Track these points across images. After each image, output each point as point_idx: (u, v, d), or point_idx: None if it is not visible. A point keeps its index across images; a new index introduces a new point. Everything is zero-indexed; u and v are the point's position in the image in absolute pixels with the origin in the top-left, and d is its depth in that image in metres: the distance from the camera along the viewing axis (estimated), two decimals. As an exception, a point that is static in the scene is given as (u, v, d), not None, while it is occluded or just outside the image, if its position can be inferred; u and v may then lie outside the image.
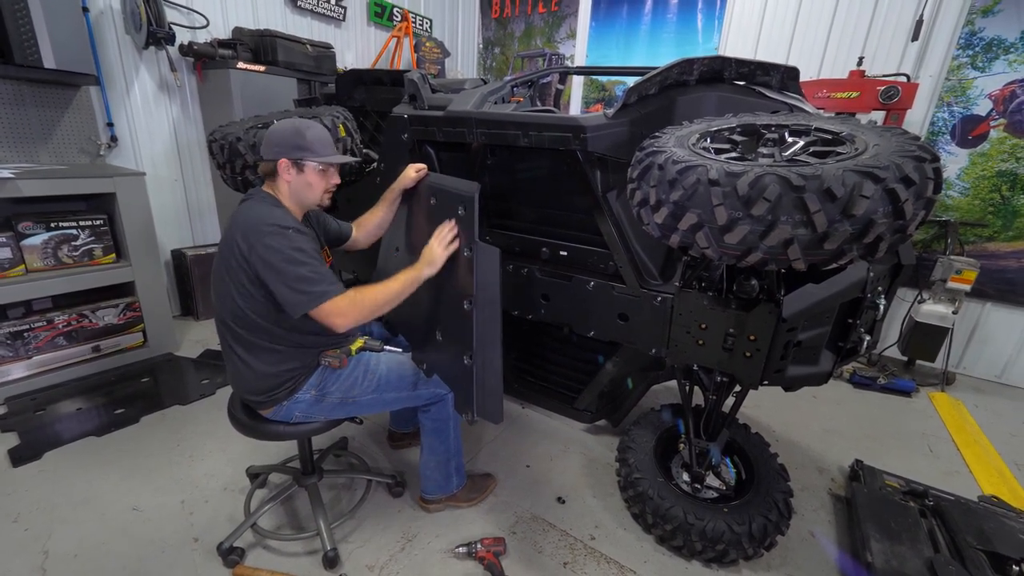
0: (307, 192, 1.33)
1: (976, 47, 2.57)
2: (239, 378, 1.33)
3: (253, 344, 1.28)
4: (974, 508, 1.67)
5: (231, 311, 1.26)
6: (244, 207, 1.29)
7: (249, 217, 1.23)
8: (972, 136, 2.66)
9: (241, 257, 1.20)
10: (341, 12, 3.64)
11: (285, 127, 1.30)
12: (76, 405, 2.14)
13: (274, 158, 1.28)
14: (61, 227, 2.23)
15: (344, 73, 2.29)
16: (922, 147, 0.90)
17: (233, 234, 1.22)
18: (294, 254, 1.18)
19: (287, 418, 1.36)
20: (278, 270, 1.17)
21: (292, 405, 1.34)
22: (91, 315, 2.36)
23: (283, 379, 1.32)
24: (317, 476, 1.59)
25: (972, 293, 2.65)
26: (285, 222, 1.22)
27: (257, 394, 1.32)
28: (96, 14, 2.51)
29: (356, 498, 1.70)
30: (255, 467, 1.75)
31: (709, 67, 1.47)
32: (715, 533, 1.46)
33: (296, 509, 1.65)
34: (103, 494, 1.66)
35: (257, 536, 1.52)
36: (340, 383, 1.38)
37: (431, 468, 1.61)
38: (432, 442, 1.57)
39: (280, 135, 1.28)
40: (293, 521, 1.61)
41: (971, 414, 2.54)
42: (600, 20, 3.78)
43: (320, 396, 1.36)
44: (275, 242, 1.18)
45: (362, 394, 1.40)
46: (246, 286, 1.22)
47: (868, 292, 1.32)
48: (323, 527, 1.44)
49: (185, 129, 2.99)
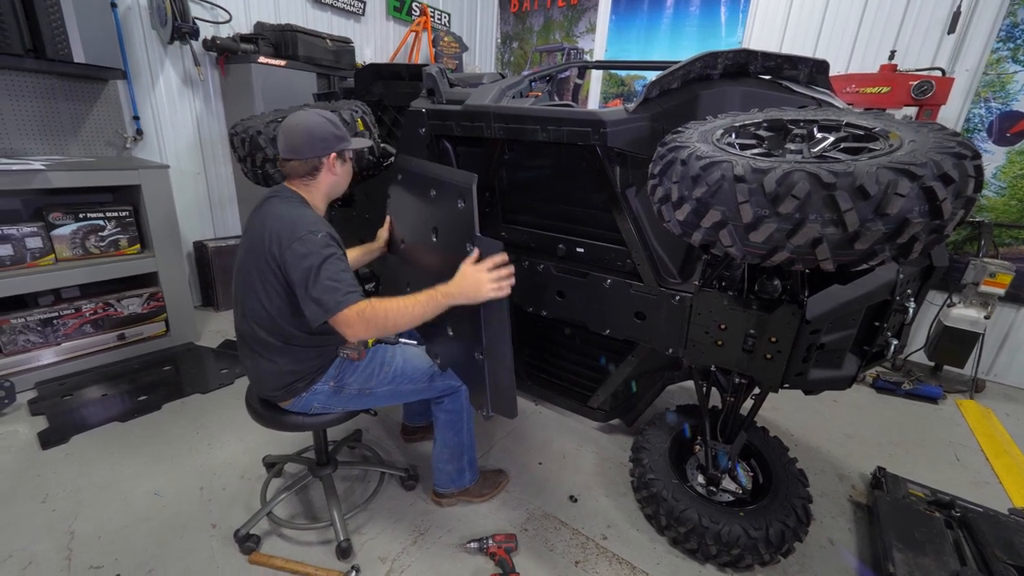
0: (344, 182, 1.35)
1: (1018, 39, 2.45)
2: (259, 374, 1.34)
3: (274, 343, 1.29)
4: (1004, 521, 1.61)
5: (255, 309, 1.26)
6: (273, 207, 1.26)
7: (283, 220, 1.20)
8: (1011, 133, 2.54)
9: (272, 260, 1.19)
10: (361, 7, 3.65)
11: (318, 121, 1.25)
12: (101, 391, 2.21)
13: (322, 154, 1.26)
14: (89, 218, 2.29)
15: (363, 67, 2.29)
16: (962, 143, 0.86)
17: (264, 235, 1.20)
18: (317, 260, 1.15)
19: (305, 409, 1.38)
20: (305, 278, 1.15)
21: (311, 396, 1.36)
22: (116, 304, 2.43)
23: (303, 373, 1.33)
24: (332, 467, 1.61)
25: (1006, 297, 2.54)
26: (317, 227, 1.19)
27: (276, 388, 1.34)
28: (124, 10, 2.57)
29: (369, 490, 1.72)
30: (271, 456, 1.78)
31: (734, 61, 1.43)
32: (730, 537, 1.43)
33: (311, 499, 1.67)
34: (126, 478, 1.72)
35: (272, 524, 1.55)
36: (358, 375, 1.39)
37: (444, 461, 1.61)
38: (446, 435, 1.57)
39: (322, 130, 1.25)
40: (307, 511, 1.63)
41: (1002, 423, 2.44)
42: (620, 14, 3.72)
43: (338, 387, 1.37)
44: (303, 247, 1.16)
45: (379, 385, 1.41)
46: (275, 287, 1.22)
47: (897, 295, 1.28)
48: (337, 518, 1.46)
49: (208, 123, 3.04)
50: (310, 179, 1.29)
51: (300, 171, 1.28)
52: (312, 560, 1.43)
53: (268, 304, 1.24)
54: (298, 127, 1.25)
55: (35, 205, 2.29)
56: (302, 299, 1.17)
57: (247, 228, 1.32)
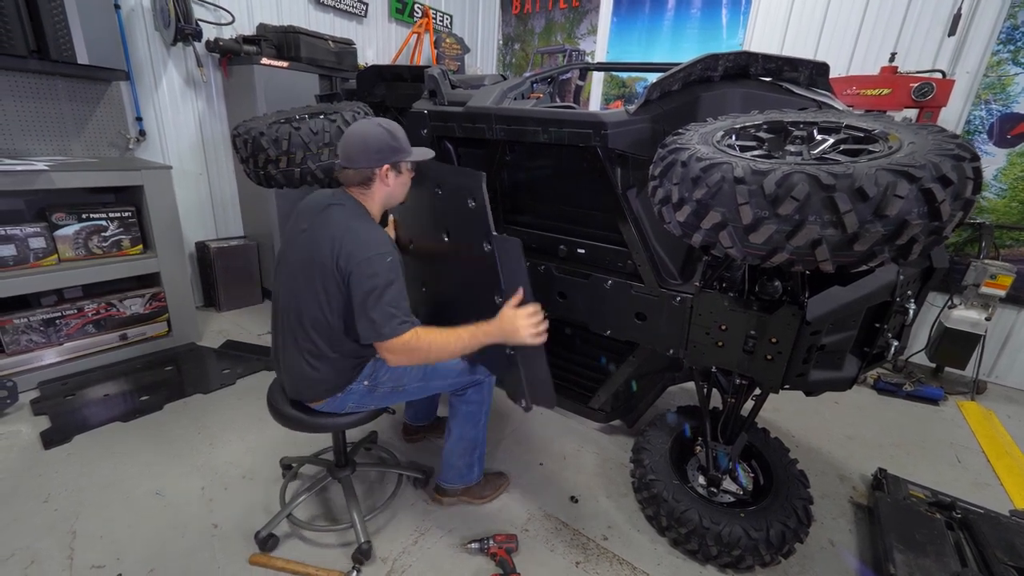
0: (400, 192, 1.35)
1: (1018, 41, 2.45)
2: (299, 377, 1.32)
3: (326, 352, 1.29)
4: (1005, 522, 1.61)
5: (311, 316, 1.26)
6: (339, 217, 1.25)
7: (353, 235, 1.21)
8: (1011, 135, 2.54)
9: (339, 272, 1.20)
10: (363, 8, 3.67)
11: (375, 131, 1.26)
12: (104, 391, 2.22)
13: (375, 165, 1.26)
14: (92, 218, 2.30)
15: (365, 69, 2.31)
16: (961, 145, 0.86)
17: (330, 245, 1.20)
18: (380, 282, 1.18)
19: (339, 408, 1.38)
20: (366, 297, 1.18)
21: (345, 396, 1.36)
22: (119, 304, 2.43)
23: (343, 377, 1.34)
24: (350, 469, 1.60)
25: (1007, 299, 2.54)
26: (381, 248, 1.21)
27: (313, 390, 1.34)
28: (127, 11, 2.58)
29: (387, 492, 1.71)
30: (288, 458, 1.77)
31: (735, 63, 1.43)
32: (731, 538, 1.43)
33: (329, 501, 1.66)
34: (128, 478, 1.72)
35: (292, 526, 1.54)
36: (391, 373, 1.40)
37: (456, 455, 1.60)
38: (463, 427, 1.57)
39: (376, 141, 1.25)
40: (327, 512, 1.62)
41: (1003, 425, 2.44)
42: (622, 16, 3.73)
43: (372, 386, 1.38)
44: (369, 269, 1.18)
45: (410, 382, 1.43)
46: (336, 298, 1.23)
47: (897, 296, 1.28)
48: (357, 520, 1.46)
49: (210, 124, 3.06)
50: (364, 188, 1.30)
51: (354, 180, 1.29)
52: (331, 562, 1.42)
53: (329, 314, 1.24)
54: (356, 137, 1.26)
55: (38, 205, 2.30)
56: (359, 315, 1.20)
57: (302, 230, 1.30)
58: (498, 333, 1.27)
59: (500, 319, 1.28)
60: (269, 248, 3.17)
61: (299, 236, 1.30)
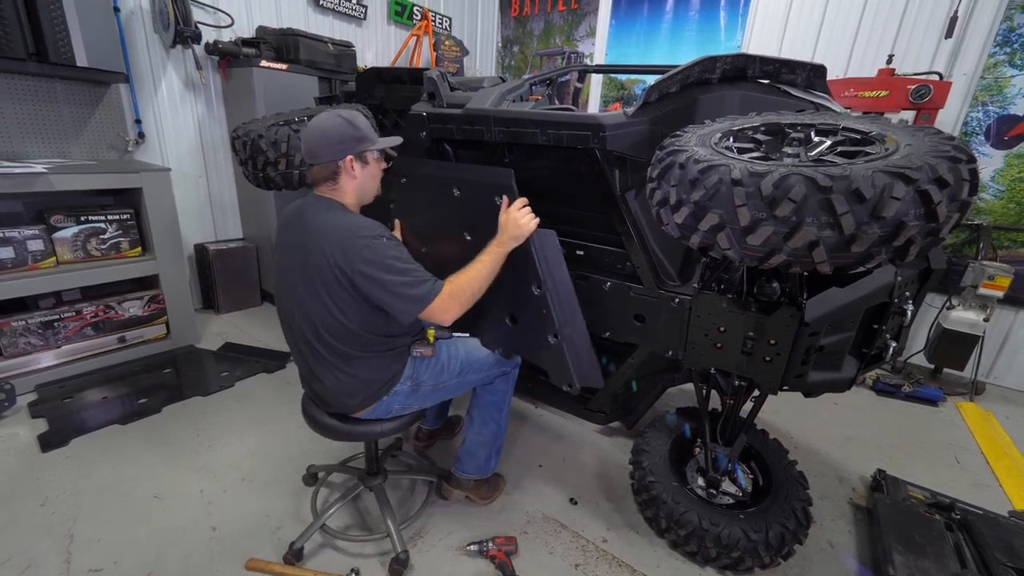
0: (372, 185, 1.32)
1: (1015, 44, 2.46)
2: (338, 391, 1.30)
3: (353, 354, 1.26)
4: (1004, 523, 1.61)
5: (326, 325, 1.23)
6: (317, 218, 1.21)
7: (338, 231, 1.18)
8: (1008, 136, 2.55)
9: (340, 272, 1.17)
10: (362, 11, 3.68)
11: (333, 122, 1.21)
12: (102, 394, 2.21)
13: (337, 158, 1.21)
14: (90, 221, 2.30)
15: (364, 71, 2.31)
16: (957, 147, 0.86)
17: (320, 248, 1.17)
18: (392, 262, 1.16)
19: (386, 413, 1.37)
20: (381, 283, 1.16)
21: (391, 399, 1.35)
22: (117, 307, 2.43)
23: (384, 379, 1.33)
24: (382, 477, 1.58)
25: (1005, 300, 2.55)
26: (372, 231, 1.19)
27: (358, 397, 1.32)
28: (126, 14, 2.59)
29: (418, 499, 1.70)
30: (315, 466, 1.75)
31: (732, 65, 1.44)
32: (730, 540, 1.43)
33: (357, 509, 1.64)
34: (126, 481, 1.72)
35: (326, 536, 1.52)
36: (431, 371, 1.40)
37: (478, 445, 1.60)
38: (487, 416, 1.57)
39: (336, 131, 1.20)
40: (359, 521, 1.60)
41: (1002, 425, 2.44)
42: (620, 18, 3.74)
43: (415, 386, 1.38)
44: (372, 255, 1.15)
45: (449, 378, 1.43)
46: (345, 298, 1.20)
47: (895, 297, 1.28)
48: (392, 529, 1.43)
49: (209, 126, 3.06)
50: (333, 184, 1.25)
51: (320, 176, 1.24)
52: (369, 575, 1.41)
53: (341, 315, 1.21)
54: (315, 131, 1.21)
55: (37, 208, 2.30)
56: (388, 301, 1.17)
57: (288, 244, 1.28)
58: (509, 238, 1.31)
59: (503, 228, 1.32)
60: (268, 250, 3.17)
61: (288, 252, 1.28)
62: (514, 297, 1.46)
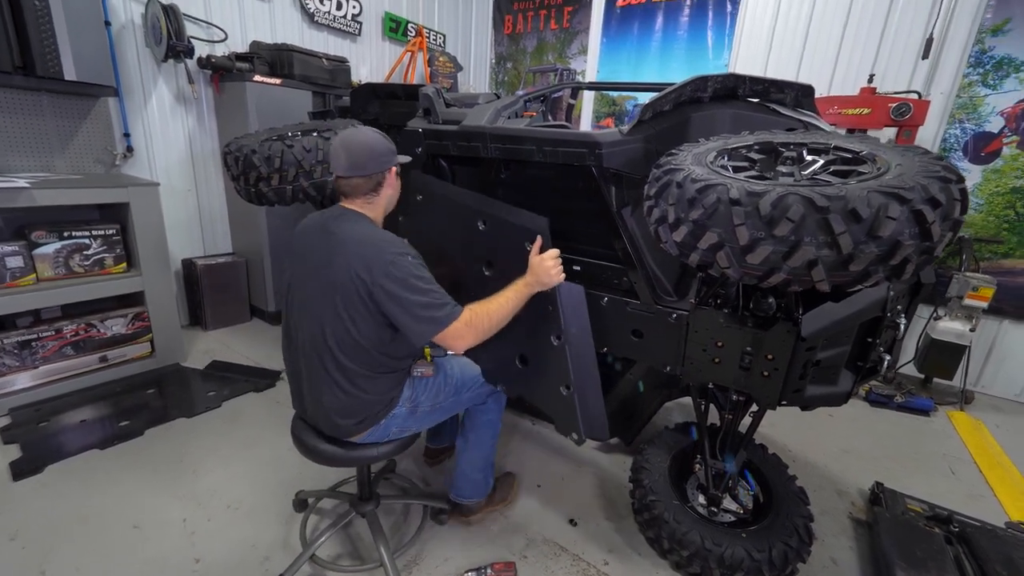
0: (396, 195, 1.36)
1: (987, 65, 2.57)
2: (336, 410, 1.26)
3: (359, 372, 1.24)
4: (1002, 535, 1.61)
5: (339, 341, 1.21)
6: (344, 230, 1.21)
7: (365, 244, 1.18)
8: (985, 152, 2.64)
9: (363, 286, 1.16)
10: (357, 27, 3.71)
11: (373, 135, 1.26)
12: (80, 417, 2.13)
13: (382, 168, 1.27)
14: (74, 236, 2.24)
15: (359, 87, 2.32)
16: (947, 167, 0.88)
17: (344, 260, 1.17)
18: (415, 281, 1.16)
19: (383, 436, 1.33)
20: (401, 300, 1.15)
21: (389, 422, 1.32)
22: (99, 325, 2.36)
23: (383, 401, 1.30)
24: (375, 502, 1.52)
25: (989, 310, 2.60)
26: (399, 247, 1.20)
27: (355, 418, 1.28)
28: (118, 28, 2.57)
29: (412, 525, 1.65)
30: (304, 492, 1.69)
31: (723, 84, 1.47)
32: (734, 560, 1.41)
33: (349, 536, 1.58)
34: (104, 510, 1.64)
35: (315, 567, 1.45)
36: (428, 391, 1.39)
37: (474, 467, 1.59)
38: (482, 436, 1.56)
39: (380, 145, 1.25)
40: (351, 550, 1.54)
41: (992, 434, 2.47)
42: (611, 36, 3.83)
43: (413, 408, 1.36)
44: (397, 271, 1.16)
45: (446, 398, 1.42)
46: (363, 313, 1.19)
47: (888, 311, 1.30)
48: (386, 558, 1.37)
49: (200, 140, 3.03)
50: (373, 195, 1.29)
51: (364, 188, 1.26)
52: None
53: (355, 329, 1.20)
54: (360, 144, 1.24)
55: (17, 223, 2.24)
56: (405, 320, 1.17)
57: (305, 252, 1.27)
58: (535, 282, 1.32)
59: (532, 270, 1.32)
60: (258, 265, 3.12)
61: (305, 263, 1.27)
62: (528, 340, 1.45)
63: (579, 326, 1.37)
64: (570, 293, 1.36)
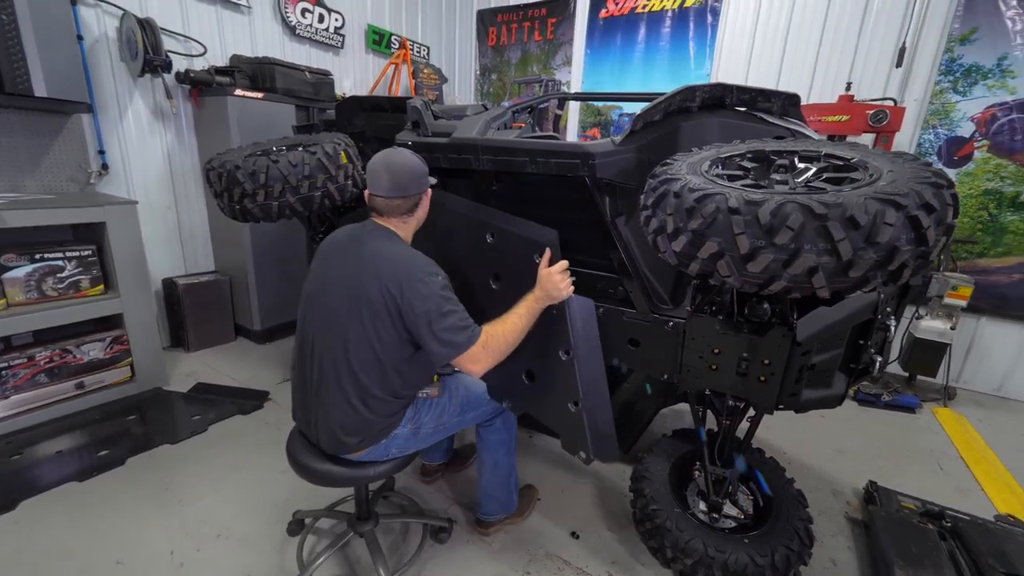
0: (424, 217, 1.38)
1: (956, 73, 2.69)
2: (341, 425, 1.24)
3: (370, 392, 1.24)
4: (992, 528, 1.64)
5: (359, 356, 1.21)
6: (375, 246, 1.23)
7: (397, 261, 1.20)
8: (958, 156, 2.75)
9: (391, 301, 1.18)
10: (340, 40, 3.69)
11: (411, 157, 1.29)
12: (56, 447, 2.02)
13: (422, 190, 1.31)
14: (46, 259, 2.15)
15: (344, 100, 2.29)
16: (937, 173, 0.91)
17: (374, 275, 1.19)
18: (441, 303, 1.18)
19: (383, 456, 1.32)
20: (429, 321, 1.16)
21: (389, 442, 1.31)
22: (75, 350, 2.26)
23: (388, 422, 1.29)
24: (373, 522, 1.49)
25: (967, 308, 2.68)
26: (430, 267, 1.22)
27: (357, 436, 1.26)
28: (91, 42, 2.50)
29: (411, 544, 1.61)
30: (301, 512, 1.64)
31: (711, 94, 1.49)
32: (738, 566, 1.40)
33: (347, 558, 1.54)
34: (85, 546, 1.55)
35: None
36: (432, 412, 1.37)
37: (495, 488, 1.58)
38: (497, 457, 1.55)
39: (419, 167, 1.29)
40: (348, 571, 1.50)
41: (976, 429, 2.53)
42: (595, 47, 3.88)
43: (416, 429, 1.35)
44: (426, 290, 1.17)
45: (449, 419, 1.41)
46: (388, 330, 1.20)
47: (879, 313, 1.32)
48: None
49: (180, 156, 2.95)
50: (409, 216, 1.32)
51: (403, 208, 1.30)
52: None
53: (379, 346, 1.21)
54: (403, 165, 1.28)
55: (-15, 246, 2.14)
56: (427, 338, 1.18)
57: (334, 263, 1.28)
58: (545, 296, 1.31)
59: (541, 284, 1.32)
60: (243, 282, 3.04)
61: (332, 274, 1.27)
62: (535, 356, 1.44)
63: (589, 341, 1.37)
64: (580, 307, 1.36)
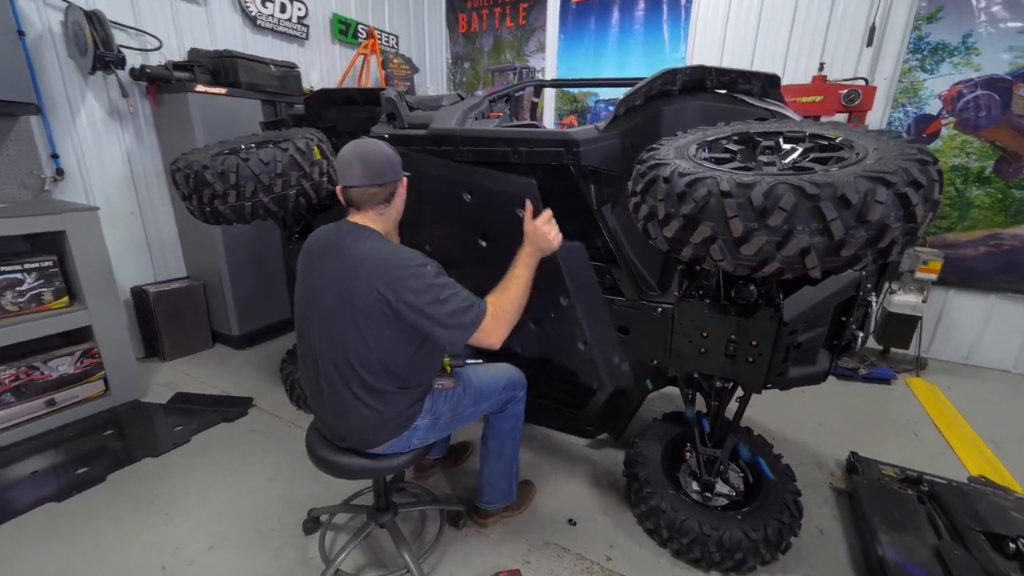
0: (403, 208, 1.34)
1: (924, 51, 2.75)
2: (360, 425, 1.25)
3: (383, 390, 1.23)
4: (966, 490, 1.73)
5: (359, 358, 1.19)
6: (359, 247, 1.20)
7: (383, 260, 1.17)
8: (926, 134, 2.83)
9: (383, 303, 1.15)
10: (304, 31, 3.54)
11: (384, 145, 1.25)
12: (30, 468, 1.92)
13: (398, 177, 1.27)
14: (3, 272, 2.02)
15: (314, 93, 2.20)
16: (922, 150, 0.92)
17: (362, 278, 1.15)
18: (439, 291, 1.16)
19: (405, 447, 1.33)
20: (430, 314, 1.15)
21: (411, 434, 1.32)
22: (43, 366, 2.14)
23: (409, 414, 1.30)
24: (392, 512, 1.51)
25: (938, 282, 2.79)
26: (415, 260, 1.19)
27: (381, 432, 1.27)
28: (34, 38, 2.33)
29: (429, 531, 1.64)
30: (316, 509, 1.64)
31: (691, 77, 1.48)
32: (732, 542, 1.44)
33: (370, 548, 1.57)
34: (69, 569, 1.48)
35: None
36: (448, 402, 1.38)
37: (498, 476, 1.58)
38: (503, 445, 1.56)
39: (392, 154, 1.25)
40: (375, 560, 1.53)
41: (946, 396, 2.65)
42: (568, 33, 3.83)
43: (435, 419, 1.35)
44: (418, 284, 1.15)
45: (465, 408, 1.41)
46: (384, 330, 1.18)
47: (861, 290, 1.35)
48: (412, 564, 1.38)
49: (140, 158, 2.80)
50: (386, 206, 1.27)
51: (379, 197, 1.25)
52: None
53: (379, 349, 1.19)
54: (376, 152, 1.23)
55: (-67, 261, 1.99)
56: (436, 332, 1.17)
57: (318, 274, 1.24)
58: (536, 250, 1.32)
59: (530, 239, 1.33)
60: (217, 287, 2.93)
61: (320, 284, 1.23)
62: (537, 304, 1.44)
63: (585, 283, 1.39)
64: (570, 253, 1.37)
